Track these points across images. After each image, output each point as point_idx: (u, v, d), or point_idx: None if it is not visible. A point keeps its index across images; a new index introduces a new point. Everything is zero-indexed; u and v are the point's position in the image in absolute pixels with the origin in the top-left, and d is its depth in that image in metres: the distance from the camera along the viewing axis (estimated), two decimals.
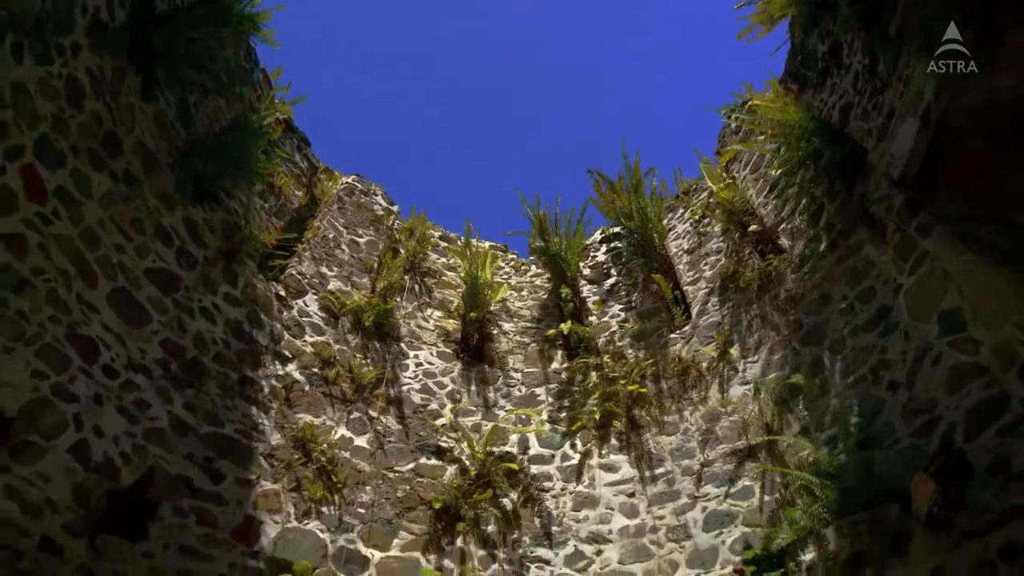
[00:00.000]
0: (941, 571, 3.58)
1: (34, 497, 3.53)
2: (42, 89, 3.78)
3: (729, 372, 5.61)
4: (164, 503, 4.20)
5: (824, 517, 4.24)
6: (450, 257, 7.93)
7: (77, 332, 4.01)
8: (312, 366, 5.72)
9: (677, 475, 5.32)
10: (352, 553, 4.80)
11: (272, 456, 4.97)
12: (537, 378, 6.65)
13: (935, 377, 4.02)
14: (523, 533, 5.29)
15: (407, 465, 5.58)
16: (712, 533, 4.84)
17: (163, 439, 4.38)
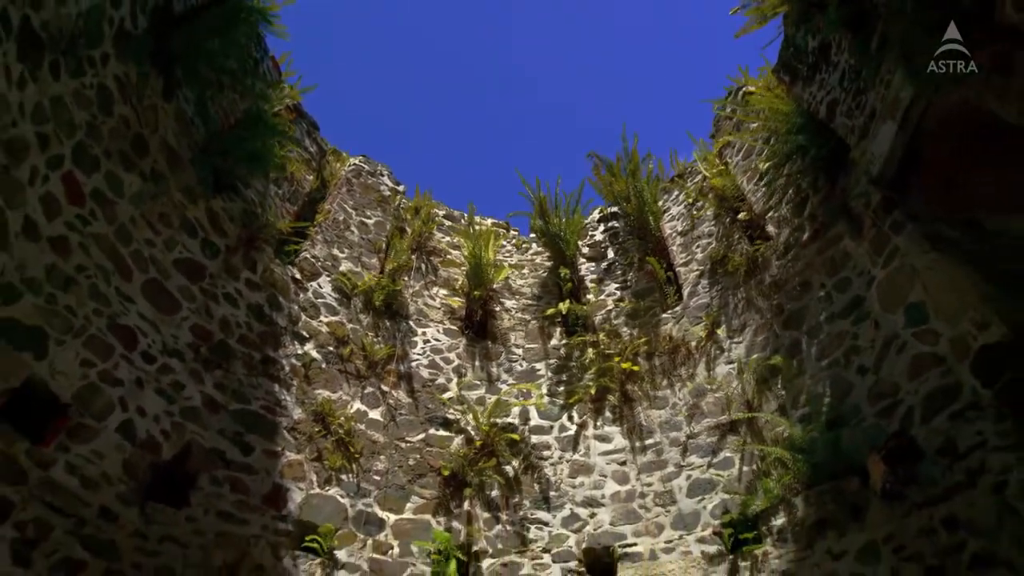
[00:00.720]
0: (892, 537, 4.04)
1: (91, 472, 3.97)
2: (77, 100, 4.04)
3: (716, 351, 6.00)
4: (202, 474, 4.66)
5: (795, 487, 4.69)
6: (454, 236, 8.24)
7: (117, 322, 4.38)
8: (328, 345, 6.11)
9: (665, 446, 5.77)
10: (370, 516, 5.29)
11: (295, 429, 5.41)
12: (537, 354, 7.06)
13: (899, 364, 4.40)
14: (524, 497, 5.78)
15: (417, 436, 6.04)
16: (695, 499, 5.31)
17: (197, 416, 4.80)
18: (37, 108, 3.69)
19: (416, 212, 8.19)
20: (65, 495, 3.78)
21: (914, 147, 4.55)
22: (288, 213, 6.64)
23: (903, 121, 4.46)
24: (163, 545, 4.17)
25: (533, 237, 8.59)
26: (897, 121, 4.49)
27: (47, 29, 3.61)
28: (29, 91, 3.59)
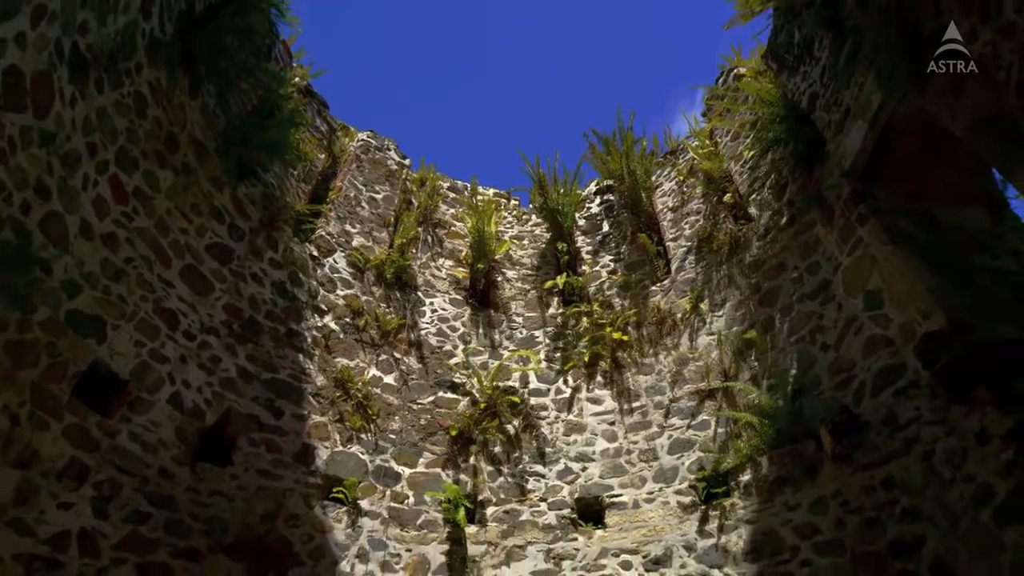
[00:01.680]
0: (839, 492, 4.67)
1: (149, 438, 4.56)
2: (117, 109, 4.41)
3: (698, 323, 6.52)
4: (240, 436, 5.26)
5: (761, 448, 5.30)
6: (458, 208, 8.63)
7: (161, 306, 4.89)
8: (345, 316, 6.63)
9: (650, 408, 6.38)
10: (387, 470, 5.94)
11: (318, 395, 5.99)
12: (536, 322, 7.59)
13: (856, 343, 4.93)
14: (523, 453, 6.43)
15: (428, 398, 6.64)
16: (675, 456, 5.95)
17: (234, 386, 5.37)
18: (86, 121, 4.07)
19: (422, 184, 8.56)
20: (130, 459, 4.38)
21: (882, 145, 4.92)
22: (303, 193, 7.03)
23: (873, 122, 4.81)
24: (212, 498, 4.80)
25: (532, 208, 8.97)
26: (868, 121, 4.85)
27: (91, 50, 3.96)
28: (79, 108, 3.97)
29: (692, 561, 5.26)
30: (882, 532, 4.31)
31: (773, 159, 6.08)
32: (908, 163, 4.92)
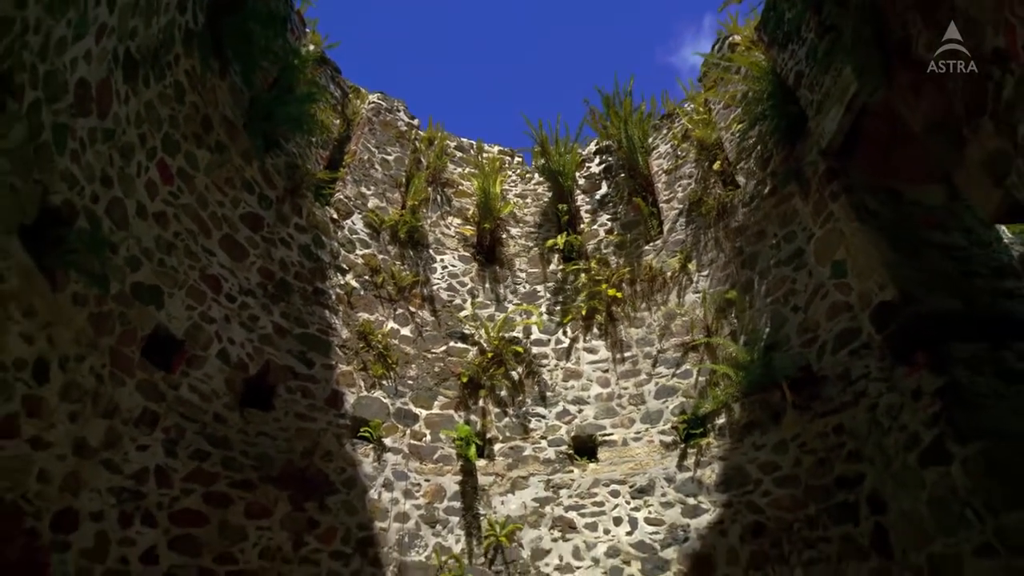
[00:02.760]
0: (798, 436, 5.37)
1: (205, 389, 5.22)
2: (161, 99, 4.81)
3: (686, 282, 7.08)
4: (279, 385, 5.93)
5: (735, 396, 5.97)
6: (465, 167, 9.00)
7: (206, 273, 5.44)
8: (364, 274, 7.18)
9: (640, 358, 7.03)
10: (407, 412, 6.66)
11: (344, 346, 6.63)
12: (538, 278, 8.15)
13: (821, 307, 5.50)
14: (526, 396, 7.14)
15: (440, 348, 7.30)
16: (660, 401, 6.65)
17: (271, 341, 6.00)
18: (137, 115, 4.50)
19: (430, 143, 8.90)
20: (190, 407, 5.06)
21: (856, 128, 5.31)
22: (322, 159, 7.43)
23: (848, 107, 5.19)
24: (259, 438, 5.52)
25: (535, 167, 9.32)
26: (844, 106, 5.23)
27: (140, 51, 4.33)
28: (131, 104, 4.39)
29: (672, 491, 6.05)
30: (830, 469, 5.03)
31: (760, 132, 6.45)
32: (878, 144, 5.33)
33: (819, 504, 5.03)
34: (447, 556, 5.86)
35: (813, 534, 5.00)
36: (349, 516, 5.74)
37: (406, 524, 5.94)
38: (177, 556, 4.68)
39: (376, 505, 5.91)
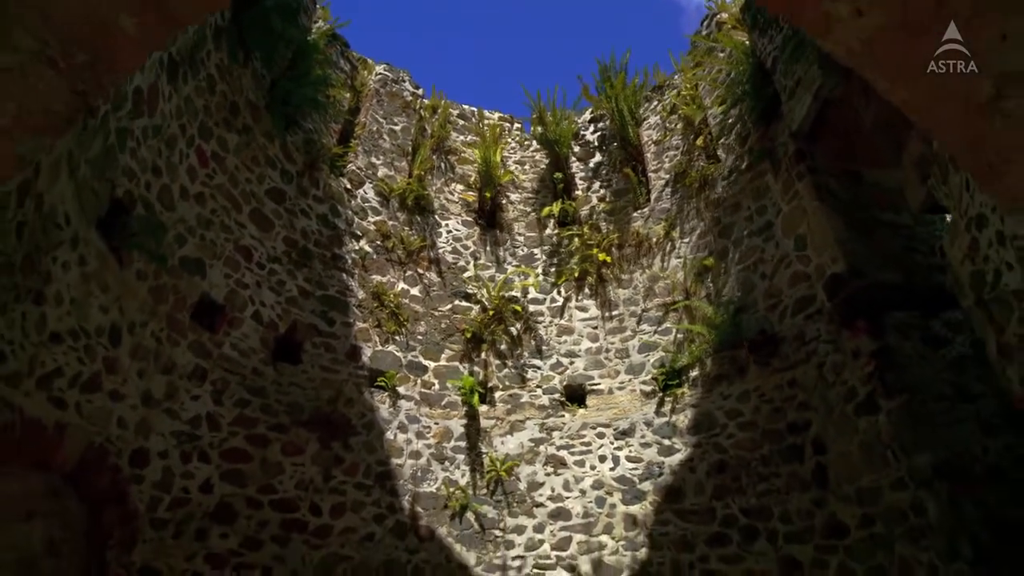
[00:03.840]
0: (759, 388, 6.09)
1: (243, 347, 5.91)
2: (196, 92, 5.28)
3: (669, 248, 7.67)
4: (305, 341, 6.62)
5: (707, 352, 6.67)
6: (467, 135, 9.41)
7: (239, 244, 6.04)
8: (376, 240, 7.77)
9: (626, 316, 7.71)
10: (417, 364, 7.39)
11: (360, 306, 7.29)
12: (535, 241, 8.72)
13: (785, 276, 6.12)
14: (524, 350, 7.85)
15: (446, 306, 7.96)
16: (643, 355, 7.37)
17: (296, 303, 6.65)
18: (177, 109, 4.99)
19: (434, 111, 9.28)
20: (232, 362, 5.76)
21: (822, 114, 5.79)
22: (335, 132, 7.87)
23: (815, 95, 5.66)
24: (290, 388, 6.25)
25: (533, 135, 9.72)
26: (812, 94, 5.70)
27: (179, 53, 4.79)
28: (174, 100, 4.88)
29: (650, 433, 6.84)
30: (784, 416, 5.78)
31: (740, 111, 6.90)
32: (840, 131, 5.82)
33: (773, 445, 5.81)
34: (454, 488, 6.71)
35: (767, 470, 5.80)
36: (369, 454, 6.54)
37: (419, 461, 6.76)
38: (228, 487, 5.49)
39: (392, 444, 6.71)
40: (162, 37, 1.94)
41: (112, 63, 1.78)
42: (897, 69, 1.88)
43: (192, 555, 5.13)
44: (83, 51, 1.65)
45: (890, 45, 1.78)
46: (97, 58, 1.71)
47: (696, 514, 6.14)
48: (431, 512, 6.50)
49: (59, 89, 1.64)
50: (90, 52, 1.67)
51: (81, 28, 1.61)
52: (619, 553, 6.36)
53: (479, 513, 6.61)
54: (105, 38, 1.68)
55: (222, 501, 5.42)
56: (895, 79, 1.94)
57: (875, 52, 1.89)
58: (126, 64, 1.86)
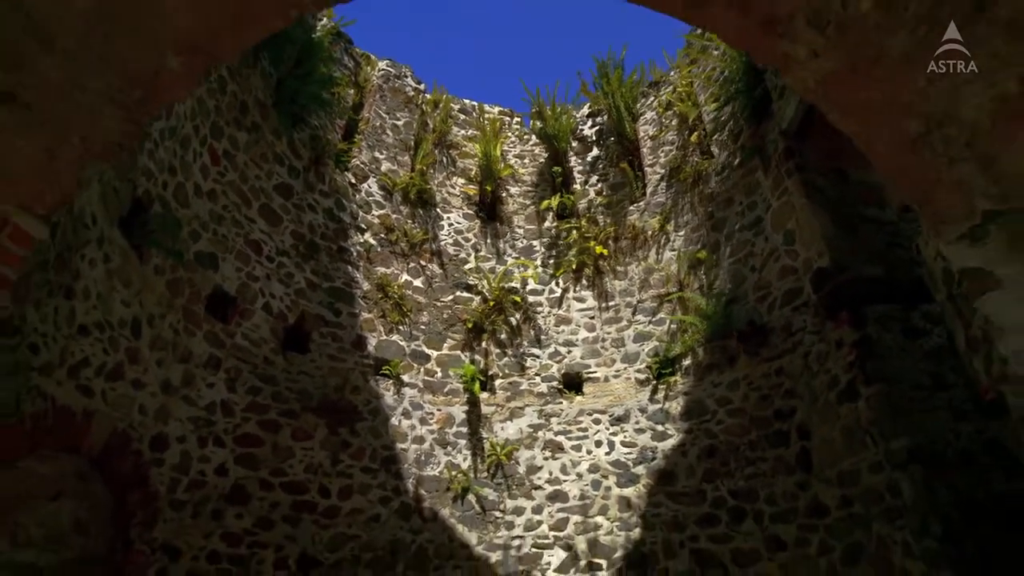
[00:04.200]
0: (748, 376, 6.33)
1: (255, 337, 6.14)
2: (208, 93, 5.47)
3: (664, 240, 7.88)
4: (313, 332, 6.85)
5: (699, 341, 6.91)
6: (468, 129, 9.58)
7: (249, 238, 6.25)
8: (380, 233, 7.97)
9: (622, 307, 7.94)
10: (420, 352, 7.63)
11: (365, 297, 7.51)
12: (534, 234, 8.92)
13: (774, 269, 6.34)
14: (523, 339, 8.09)
15: (448, 297, 8.19)
16: (638, 344, 7.61)
17: (304, 294, 6.87)
18: (192, 110, 5.18)
19: (435, 106, 9.44)
20: (245, 352, 6.00)
21: (810, 114, 5.97)
22: (339, 128, 8.04)
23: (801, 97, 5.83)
24: (299, 376, 6.49)
25: (532, 130, 9.89)
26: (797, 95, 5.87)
27: None
28: (188, 103, 5.07)
29: (644, 419, 7.10)
30: (771, 404, 6.03)
31: (732, 109, 7.07)
32: (827, 130, 5.95)
33: (760, 431, 6.06)
34: (456, 471, 6.98)
35: (754, 454, 6.06)
36: (375, 439, 6.80)
37: (422, 445, 7.02)
38: (241, 470, 5.75)
39: (397, 430, 6.97)
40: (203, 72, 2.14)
41: (161, 96, 1.98)
42: (845, 105, 2.08)
43: (209, 534, 5.40)
44: (139, 88, 1.84)
45: (840, 85, 1.99)
46: (149, 93, 1.91)
47: (687, 496, 6.41)
48: (434, 494, 6.77)
49: (119, 121, 1.84)
50: (144, 89, 1.87)
51: (138, 69, 1.80)
52: (613, 533, 6.64)
53: (480, 495, 6.88)
54: (156, 76, 1.88)
55: (236, 483, 5.68)
56: (844, 114, 2.15)
57: (827, 90, 2.09)
58: (173, 96, 2.06)
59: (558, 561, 6.61)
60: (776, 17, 1.96)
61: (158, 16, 1.77)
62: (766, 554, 5.71)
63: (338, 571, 6.03)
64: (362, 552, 6.21)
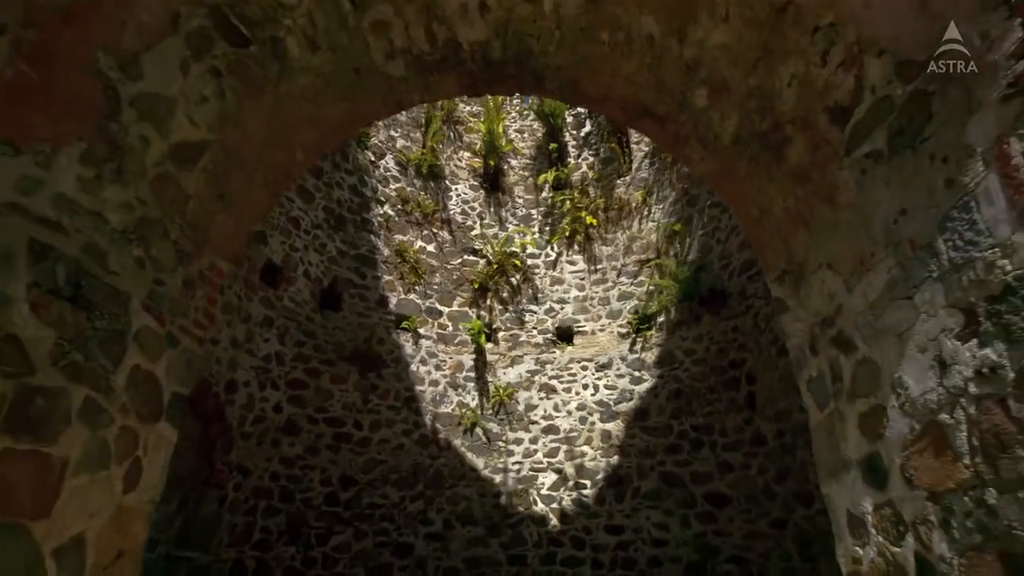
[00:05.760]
0: (710, 332, 7.40)
1: (298, 299, 7.15)
2: None
3: (646, 212, 8.80)
4: (344, 293, 7.88)
5: (672, 302, 7.95)
6: (473, 104, 10.28)
7: (290, 215, 7.17)
8: (397, 204, 8.88)
9: (608, 270, 8.95)
10: (434, 309, 8.69)
11: (386, 262, 8.50)
12: (532, 203, 9.81)
13: (735, 242, 7.31)
14: (522, 297, 9.14)
15: (457, 261, 9.18)
16: (621, 303, 8.66)
17: (335, 261, 7.86)
18: None
19: None
20: (291, 312, 7.03)
21: None
22: None
23: None
24: (334, 330, 7.57)
25: (531, 107, 10.58)
26: None
27: None
28: None
29: (624, 367, 8.24)
30: (727, 355, 7.14)
31: None
32: None
33: (717, 377, 7.20)
34: (466, 409, 8.17)
35: (712, 396, 7.22)
36: (398, 382, 7.95)
37: (437, 388, 8.19)
38: (292, 408, 6.90)
39: (416, 375, 8.12)
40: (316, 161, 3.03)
41: (292, 177, 2.90)
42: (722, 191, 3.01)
43: (270, 458, 6.60)
44: (280, 175, 2.78)
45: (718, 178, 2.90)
46: (285, 178, 2.84)
47: (657, 430, 7.62)
48: (448, 428, 7.99)
49: (267, 197, 2.80)
50: (284, 175, 2.79)
51: (282, 164, 2.74)
52: (596, 459, 7.89)
53: (486, 428, 8.10)
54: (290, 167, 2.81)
55: (289, 419, 6.85)
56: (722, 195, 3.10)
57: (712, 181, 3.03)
58: (297, 175, 2.98)
59: (550, 482, 7.89)
60: (680, 135, 2.86)
61: (296, 133, 2.66)
62: (717, 475, 6.96)
63: (371, 488, 7.30)
64: (390, 473, 7.46)
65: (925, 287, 1.73)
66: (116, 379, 2.20)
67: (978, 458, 1.51)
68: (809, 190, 2.32)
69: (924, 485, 1.73)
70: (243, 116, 2.49)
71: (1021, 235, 1.40)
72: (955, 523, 1.59)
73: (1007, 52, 1.43)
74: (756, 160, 2.58)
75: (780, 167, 2.45)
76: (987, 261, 1.50)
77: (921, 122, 1.73)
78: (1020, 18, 1.39)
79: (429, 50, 2.66)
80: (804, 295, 2.58)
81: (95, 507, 2.08)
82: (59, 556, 1.91)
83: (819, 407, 2.53)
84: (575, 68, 2.75)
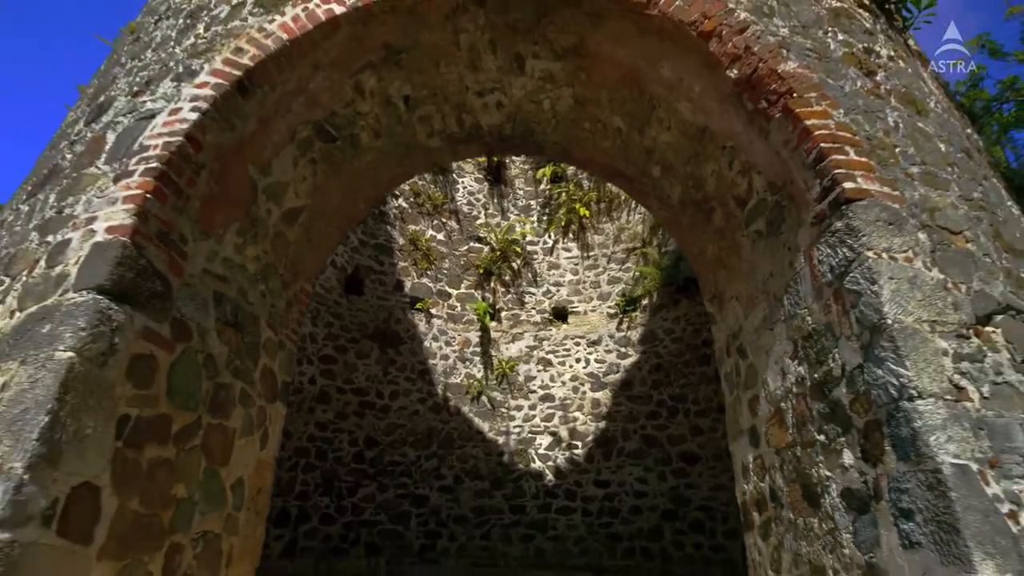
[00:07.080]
0: (687, 314, 8.50)
1: (327, 285, 8.19)
2: None
3: (634, 205, 9.76)
4: (365, 279, 8.92)
5: (655, 286, 9.02)
6: None
7: None
8: (410, 197, 9.83)
9: (599, 257, 9.97)
10: (444, 292, 9.74)
11: (401, 250, 9.51)
12: (532, 195, 10.75)
13: None
14: (522, 281, 10.18)
15: (464, 248, 10.18)
16: (610, 286, 9.72)
17: (357, 251, 8.87)
18: None
19: None
20: (321, 297, 8.09)
21: None
22: None
23: None
24: (358, 312, 8.64)
25: None
26: None
27: None
28: None
29: (612, 343, 9.35)
30: (700, 334, 8.24)
31: None
32: None
33: (692, 354, 8.32)
34: (473, 380, 9.30)
35: (687, 370, 8.36)
36: (413, 357, 9.06)
37: (448, 361, 9.31)
38: (324, 380, 8.03)
39: (429, 350, 9.23)
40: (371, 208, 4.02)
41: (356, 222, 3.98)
42: (679, 238, 4.01)
43: (307, 423, 7.75)
44: (349, 222, 3.74)
45: (673, 227, 3.92)
46: (352, 223, 3.89)
47: (640, 399, 8.78)
48: (457, 396, 9.14)
49: (338, 238, 3.79)
50: (350, 222, 3.79)
51: (349, 214, 3.75)
52: (587, 424, 9.08)
53: (491, 397, 9.26)
54: (356, 215, 3.83)
55: (321, 389, 7.98)
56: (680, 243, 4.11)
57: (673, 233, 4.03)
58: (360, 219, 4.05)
59: (546, 443, 9.09)
60: (643, 191, 3.87)
61: (361, 191, 3.65)
62: (690, 437, 8.15)
63: (392, 448, 8.49)
64: (407, 436, 8.64)
65: (778, 325, 2.79)
66: (255, 375, 3.26)
67: (793, 429, 2.60)
68: (725, 244, 3.34)
69: (774, 445, 2.82)
70: (328, 185, 3.48)
71: (816, 304, 2.45)
72: (784, 467, 2.68)
73: (815, 197, 2.45)
74: (694, 217, 3.58)
75: (709, 225, 3.46)
76: (802, 316, 2.55)
77: (779, 221, 2.76)
78: (820, 178, 2.41)
79: (459, 131, 3.63)
80: (723, 315, 3.63)
81: (248, 459, 3.18)
82: (233, 489, 3.01)
83: (729, 393, 3.62)
84: (566, 143, 3.72)
